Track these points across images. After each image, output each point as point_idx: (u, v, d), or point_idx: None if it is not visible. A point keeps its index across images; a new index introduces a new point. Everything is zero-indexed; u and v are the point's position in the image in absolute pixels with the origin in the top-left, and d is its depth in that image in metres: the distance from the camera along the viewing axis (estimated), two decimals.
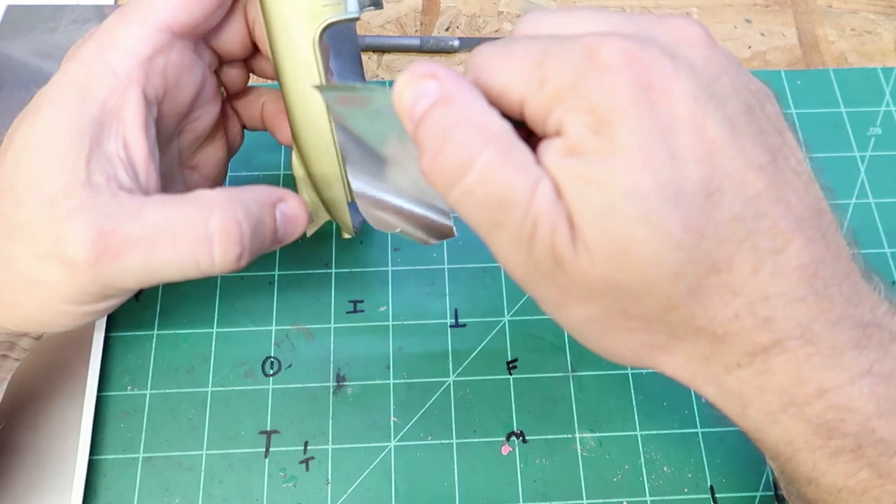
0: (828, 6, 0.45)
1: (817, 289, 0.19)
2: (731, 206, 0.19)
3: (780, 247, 0.19)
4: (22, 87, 0.40)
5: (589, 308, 0.21)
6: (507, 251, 0.20)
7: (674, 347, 0.21)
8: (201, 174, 0.31)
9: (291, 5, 0.26)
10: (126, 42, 0.24)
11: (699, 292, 0.19)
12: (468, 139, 0.19)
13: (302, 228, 0.27)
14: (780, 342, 0.20)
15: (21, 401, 0.28)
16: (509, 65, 0.20)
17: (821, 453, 0.21)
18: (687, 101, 0.19)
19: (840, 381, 0.20)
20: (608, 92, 0.19)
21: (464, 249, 0.37)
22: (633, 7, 0.45)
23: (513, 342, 0.35)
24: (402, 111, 0.21)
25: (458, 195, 0.19)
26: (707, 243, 0.19)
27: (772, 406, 0.21)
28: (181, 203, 0.24)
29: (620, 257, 0.19)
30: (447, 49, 0.43)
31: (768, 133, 0.20)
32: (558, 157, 0.19)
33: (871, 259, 0.37)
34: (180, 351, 0.34)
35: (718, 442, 0.33)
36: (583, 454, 0.33)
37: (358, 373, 0.34)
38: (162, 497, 0.31)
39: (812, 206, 0.20)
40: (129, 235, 0.22)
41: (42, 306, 0.24)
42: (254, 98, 0.32)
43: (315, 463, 0.32)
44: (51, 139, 0.23)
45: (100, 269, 0.22)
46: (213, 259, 0.24)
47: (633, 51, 0.19)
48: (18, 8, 0.43)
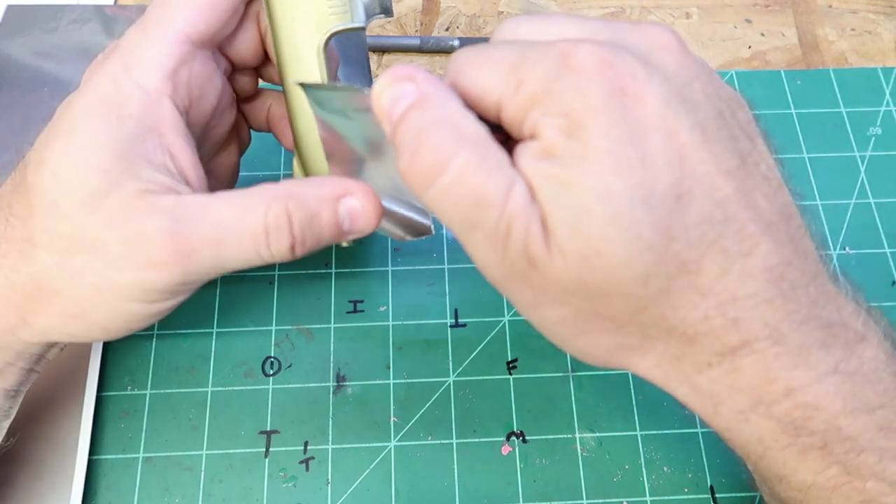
0: (828, 6, 0.45)
1: (784, 290, 0.20)
2: (701, 209, 0.19)
3: (748, 249, 0.20)
4: (22, 87, 0.40)
5: (562, 308, 0.21)
6: (482, 252, 0.21)
7: (646, 348, 0.21)
8: (217, 179, 0.31)
9: (299, 13, 0.26)
10: (151, 57, 0.24)
11: (669, 293, 0.20)
12: (444, 141, 0.19)
13: (372, 224, 0.26)
14: (748, 343, 0.20)
15: (21, 401, 0.28)
16: (487, 69, 0.21)
17: (790, 451, 0.21)
18: (659, 105, 0.19)
19: (807, 379, 0.20)
20: (581, 96, 0.19)
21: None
22: (632, 7, 0.45)
23: (513, 342, 0.35)
24: (381, 113, 0.21)
25: (434, 195, 0.20)
26: (676, 245, 0.19)
27: (742, 405, 0.21)
28: (242, 199, 0.24)
29: (592, 258, 0.19)
30: (447, 49, 0.43)
31: (738, 138, 0.20)
32: (533, 159, 0.20)
33: (871, 259, 0.37)
34: (180, 351, 0.34)
35: (718, 442, 0.33)
36: (583, 454, 0.33)
37: (358, 373, 0.34)
38: (162, 497, 0.31)
39: (781, 210, 0.21)
40: (201, 235, 0.23)
41: (111, 312, 0.24)
42: (260, 101, 0.32)
43: (315, 463, 0.32)
44: (91, 157, 0.23)
45: (176, 269, 0.23)
46: (269, 250, 0.25)
47: (606, 56, 0.19)
48: (18, 8, 0.43)
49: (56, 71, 0.41)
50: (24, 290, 0.24)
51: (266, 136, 0.33)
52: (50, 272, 0.23)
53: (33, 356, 0.26)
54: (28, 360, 0.26)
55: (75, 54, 0.41)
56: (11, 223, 0.24)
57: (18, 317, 0.24)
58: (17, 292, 0.24)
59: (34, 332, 0.25)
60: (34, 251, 0.23)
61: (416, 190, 0.20)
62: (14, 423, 0.28)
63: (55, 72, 0.41)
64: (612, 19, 0.44)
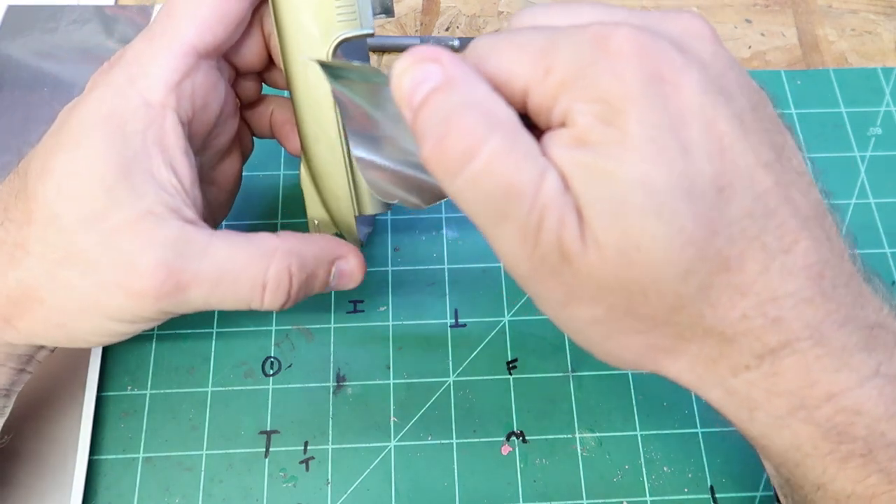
0: (828, 6, 0.45)
1: (825, 289, 0.19)
2: (742, 202, 0.18)
3: (788, 246, 0.19)
4: (22, 87, 0.40)
5: (594, 307, 0.20)
6: (510, 245, 0.19)
7: (679, 350, 0.20)
8: (219, 188, 0.31)
9: (307, 20, 0.26)
10: (156, 70, 0.24)
11: (709, 291, 0.19)
12: (474, 125, 0.18)
13: (355, 283, 0.28)
14: (789, 343, 0.19)
15: (21, 401, 0.28)
16: (513, 53, 0.19)
17: (831, 458, 0.20)
18: (698, 93, 0.18)
19: (849, 383, 0.19)
20: (619, 80, 0.18)
21: (464, 249, 0.37)
22: (632, 6, 0.45)
23: (513, 342, 0.35)
24: (401, 97, 0.20)
25: (462, 184, 0.19)
26: (719, 240, 0.18)
27: (780, 410, 0.20)
28: (246, 245, 0.25)
29: (631, 252, 0.18)
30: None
31: (772, 132, 0.20)
32: (565, 148, 0.19)
33: (871, 259, 0.37)
34: (180, 351, 0.34)
35: (718, 442, 0.33)
36: (583, 454, 0.33)
37: (358, 373, 0.34)
38: (162, 497, 0.31)
39: (815, 206, 0.20)
40: (197, 273, 0.24)
41: (93, 327, 0.25)
42: (263, 107, 0.31)
43: (315, 463, 0.32)
44: (96, 173, 0.23)
45: (164, 301, 0.23)
46: (262, 302, 0.25)
47: (644, 40, 0.18)
48: (18, 8, 0.43)
49: (56, 71, 0.41)
50: (9, 294, 0.24)
51: (265, 139, 0.33)
52: (38, 280, 0.23)
53: (22, 357, 0.26)
54: (17, 361, 0.26)
55: (75, 54, 0.41)
56: (6, 227, 0.24)
57: (3, 319, 0.24)
58: (2, 295, 0.24)
59: (20, 335, 0.25)
60: (26, 258, 0.23)
61: (440, 179, 0.19)
62: (13, 423, 0.28)
63: (55, 72, 0.41)
64: None
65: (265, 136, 0.32)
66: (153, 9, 0.43)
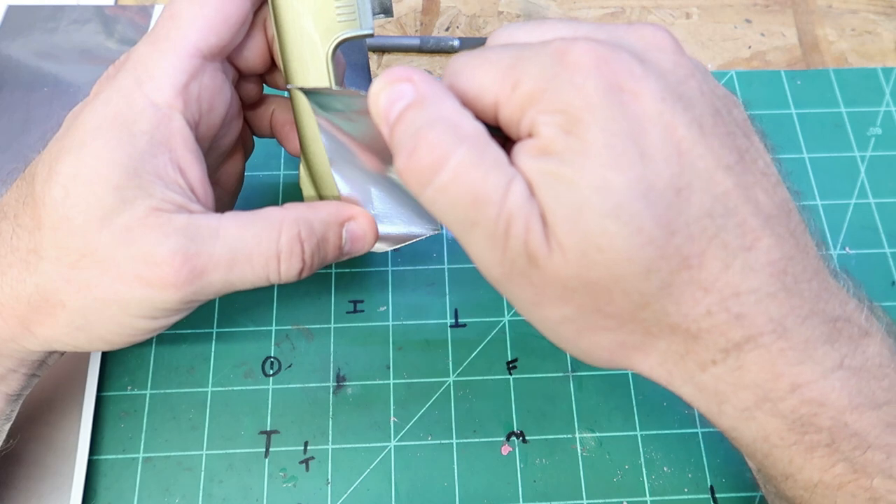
0: (828, 6, 0.45)
1: (787, 285, 0.20)
2: (701, 203, 0.19)
3: (749, 244, 0.20)
4: (22, 87, 0.40)
5: (563, 307, 0.21)
6: (481, 250, 0.20)
7: (649, 346, 0.21)
8: (223, 188, 0.31)
9: (306, 21, 0.26)
10: (162, 72, 0.24)
11: (671, 288, 0.20)
12: (442, 138, 0.19)
13: (370, 245, 0.28)
14: (752, 338, 0.20)
15: (22, 402, 0.28)
16: (483, 70, 0.21)
17: (796, 448, 0.21)
18: (656, 101, 0.19)
19: (813, 375, 0.20)
20: (578, 92, 0.19)
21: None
22: (632, 7, 0.45)
23: (513, 342, 0.35)
24: (378, 114, 0.21)
25: (433, 193, 0.20)
26: (677, 239, 0.19)
27: (747, 402, 0.21)
28: (254, 222, 0.25)
29: (592, 253, 0.19)
30: (447, 49, 0.43)
31: (735, 135, 0.20)
32: (531, 157, 0.20)
33: (871, 259, 0.37)
34: (180, 351, 0.34)
35: (718, 442, 0.33)
36: (583, 454, 0.33)
37: (358, 373, 0.34)
38: (162, 497, 0.31)
39: (780, 205, 0.21)
40: (211, 256, 0.24)
41: (115, 326, 0.25)
42: (264, 107, 0.32)
43: (315, 463, 0.32)
44: (104, 173, 0.23)
45: (185, 289, 0.24)
46: (279, 273, 0.25)
47: (603, 53, 0.19)
48: (18, 8, 0.43)
49: (56, 71, 0.41)
50: (28, 300, 0.24)
51: (265, 139, 0.33)
52: (55, 284, 0.23)
53: (35, 363, 0.27)
54: (30, 367, 0.26)
55: (75, 54, 0.41)
56: (18, 233, 0.24)
57: (22, 326, 0.24)
58: (22, 303, 0.24)
59: (37, 342, 0.25)
60: (40, 263, 0.23)
61: (413, 189, 0.20)
62: (14, 424, 0.28)
63: (55, 72, 0.41)
64: (612, 19, 0.44)
65: (266, 135, 0.32)
66: (153, 9, 0.43)
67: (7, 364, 0.26)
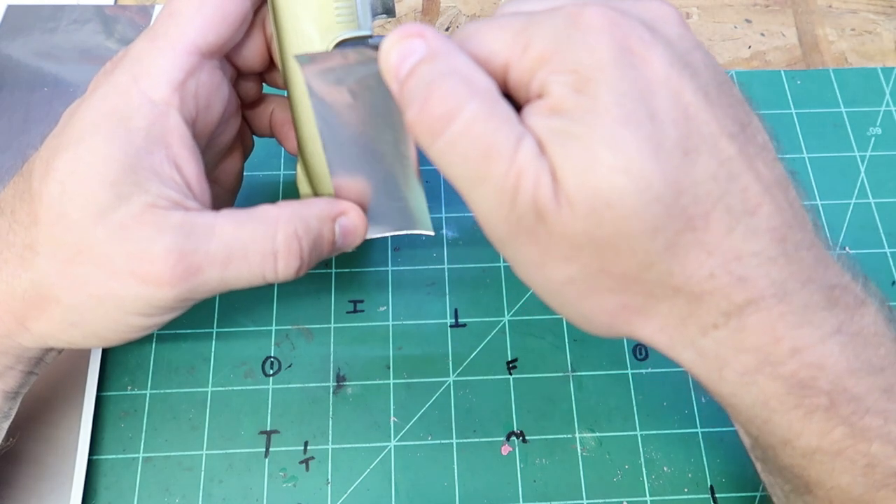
0: (828, 6, 0.45)
1: (787, 251, 0.20)
2: (707, 166, 0.19)
3: (752, 209, 0.20)
4: (22, 87, 0.40)
5: (568, 267, 0.21)
6: (488, 206, 0.21)
7: (651, 310, 0.21)
8: (221, 186, 0.31)
9: (305, 20, 0.26)
10: (159, 69, 0.24)
11: (676, 249, 0.20)
12: (454, 90, 0.20)
13: (360, 239, 0.28)
14: (754, 300, 0.20)
15: (21, 401, 0.28)
16: (494, 34, 0.21)
17: (795, 413, 0.21)
18: (664, 65, 0.20)
19: (812, 339, 0.20)
20: (590, 52, 0.19)
21: (464, 249, 0.37)
22: None
23: (513, 342, 0.35)
24: (389, 71, 0.21)
25: (443, 146, 0.20)
26: (684, 199, 0.19)
27: (748, 366, 0.21)
28: (250, 220, 0.25)
29: (601, 209, 0.19)
30: None
31: (737, 108, 0.21)
32: (541, 116, 0.20)
33: (871, 259, 0.37)
34: (180, 351, 0.34)
35: (718, 442, 0.33)
36: (583, 454, 0.33)
37: (358, 373, 0.34)
38: (162, 497, 0.31)
39: (779, 178, 0.21)
40: (207, 253, 0.24)
41: (110, 322, 0.24)
42: (263, 106, 0.32)
43: (315, 463, 0.32)
44: (101, 169, 0.23)
45: (180, 286, 0.23)
46: (276, 272, 0.25)
47: (614, 16, 0.20)
48: (18, 8, 0.43)
49: (56, 71, 0.41)
50: (24, 296, 0.24)
51: (265, 138, 0.33)
52: (50, 280, 0.23)
53: (32, 360, 0.27)
54: (27, 364, 0.26)
55: (75, 54, 0.41)
56: (14, 229, 0.24)
57: (18, 322, 0.24)
58: (17, 298, 0.24)
59: (32, 338, 0.25)
60: (36, 258, 0.23)
61: (423, 143, 0.20)
62: (14, 423, 0.28)
63: (55, 72, 0.41)
64: None
65: (265, 135, 0.32)
66: (153, 9, 0.43)
67: (4, 361, 0.26)
